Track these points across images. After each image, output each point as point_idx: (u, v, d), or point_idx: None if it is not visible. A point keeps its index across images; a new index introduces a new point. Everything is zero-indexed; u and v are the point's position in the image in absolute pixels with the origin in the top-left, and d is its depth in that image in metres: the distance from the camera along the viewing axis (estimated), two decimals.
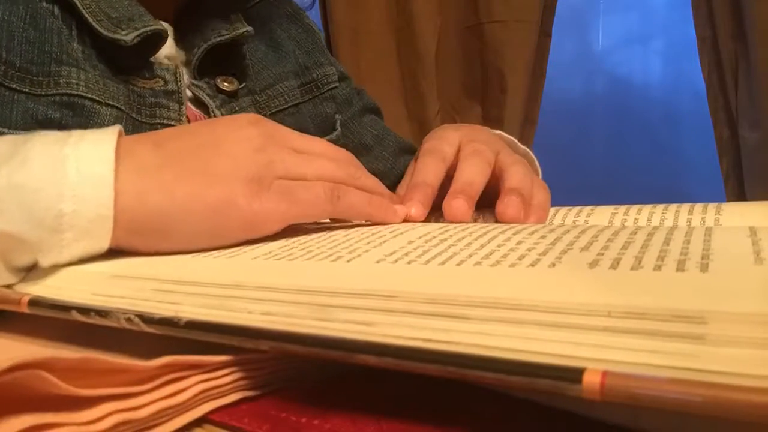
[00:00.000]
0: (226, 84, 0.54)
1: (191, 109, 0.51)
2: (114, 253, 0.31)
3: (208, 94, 0.53)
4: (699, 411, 0.14)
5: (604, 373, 0.15)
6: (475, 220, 0.43)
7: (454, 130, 0.47)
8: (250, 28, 0.54)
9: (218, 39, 0.52)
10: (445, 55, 1.40)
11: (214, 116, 0.52)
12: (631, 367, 0.16)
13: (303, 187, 0.34)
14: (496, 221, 0.41)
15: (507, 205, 0.40)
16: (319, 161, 0.36)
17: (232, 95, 0.55)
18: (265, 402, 0.21)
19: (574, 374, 0.16)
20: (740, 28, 1.20)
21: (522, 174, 0.43)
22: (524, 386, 0.16)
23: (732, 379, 0.14)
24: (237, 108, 0.55)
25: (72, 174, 0.29)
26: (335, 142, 0.60)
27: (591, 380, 0.15)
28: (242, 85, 0.56)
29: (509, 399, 0.20)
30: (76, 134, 0.31)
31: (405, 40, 1.40)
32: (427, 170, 0.43)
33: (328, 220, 0.38)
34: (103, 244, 0.30)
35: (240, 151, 0.33)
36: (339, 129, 0.63)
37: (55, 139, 0.30)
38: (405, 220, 0.39)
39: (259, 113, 0.56)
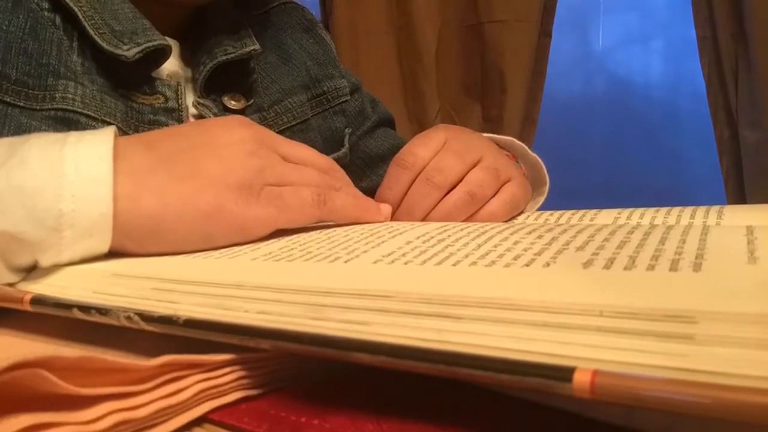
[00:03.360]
0: (233, 102, 0.53)
1: None
2: (114, 252, 0.31)
3: (214, 114, 0.51)
4: (689, 410, 0.14)
5: (595, 372, 0.15)
6: None
7: (441, 132, 0.46)
8: (257, 46, 0.53)
9: (224, 57, 0.51)
10: (445, 55, 1.40)
11: None
12: (622, 366, 0.16)
13: (291, 193, 0.35)
14: None
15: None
16: (306, 171, 0.37)
17: (240, 113, 0.53)
18: (264, 401, 0.22)
19: (565, 373, 0.16)
20: (740, 28, 1.20)
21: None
22: (515, 385, 0.17)
23: (722, 379, 0.15)
24: None
25: (70, 174, 0.29)
26: (341, 159, 0.59)
27: (581, 379, 0.15)
28: (250, 102, 0.55)
29: (508, 399, 0.20)
30: (74, 135, 0.31)
31: (405, 40, 1.40)
32: (390, 186, 0.43)
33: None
34: (103, 243, 0.30)
35: (232, 155, 0.34)
36: (347, 145, 0.62)
37: (52, 139, 0.30)
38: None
39: None
